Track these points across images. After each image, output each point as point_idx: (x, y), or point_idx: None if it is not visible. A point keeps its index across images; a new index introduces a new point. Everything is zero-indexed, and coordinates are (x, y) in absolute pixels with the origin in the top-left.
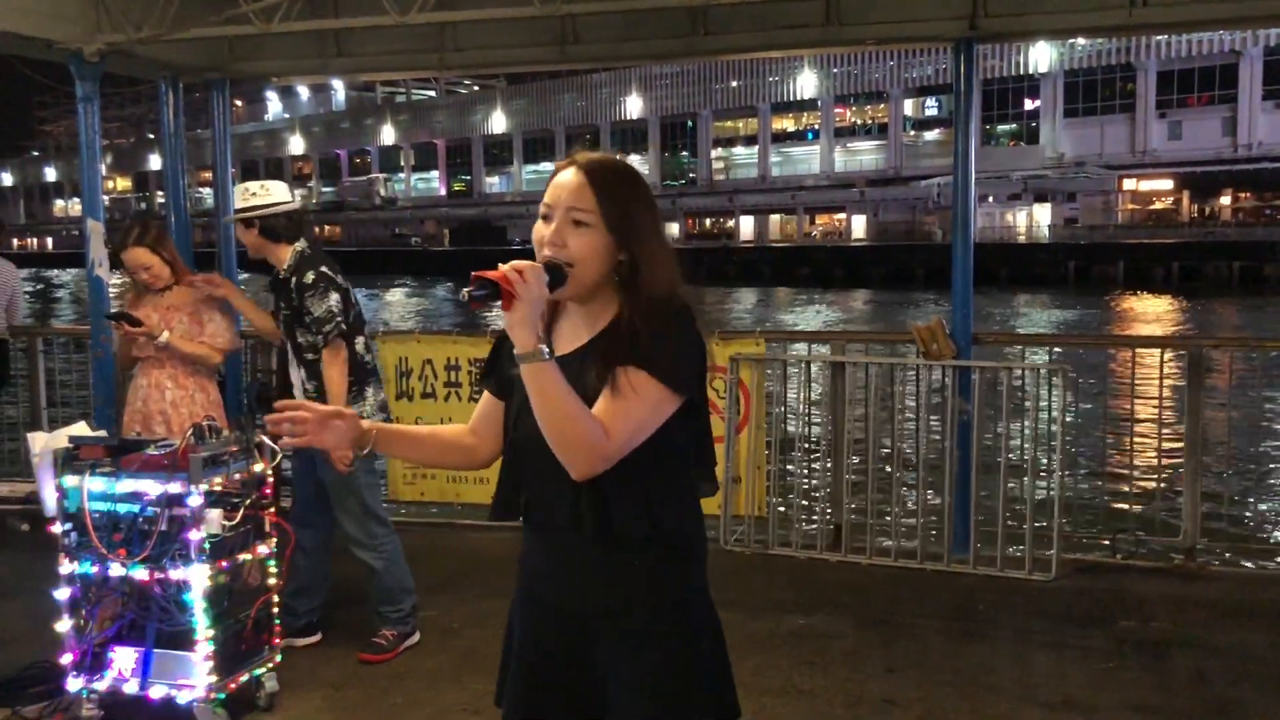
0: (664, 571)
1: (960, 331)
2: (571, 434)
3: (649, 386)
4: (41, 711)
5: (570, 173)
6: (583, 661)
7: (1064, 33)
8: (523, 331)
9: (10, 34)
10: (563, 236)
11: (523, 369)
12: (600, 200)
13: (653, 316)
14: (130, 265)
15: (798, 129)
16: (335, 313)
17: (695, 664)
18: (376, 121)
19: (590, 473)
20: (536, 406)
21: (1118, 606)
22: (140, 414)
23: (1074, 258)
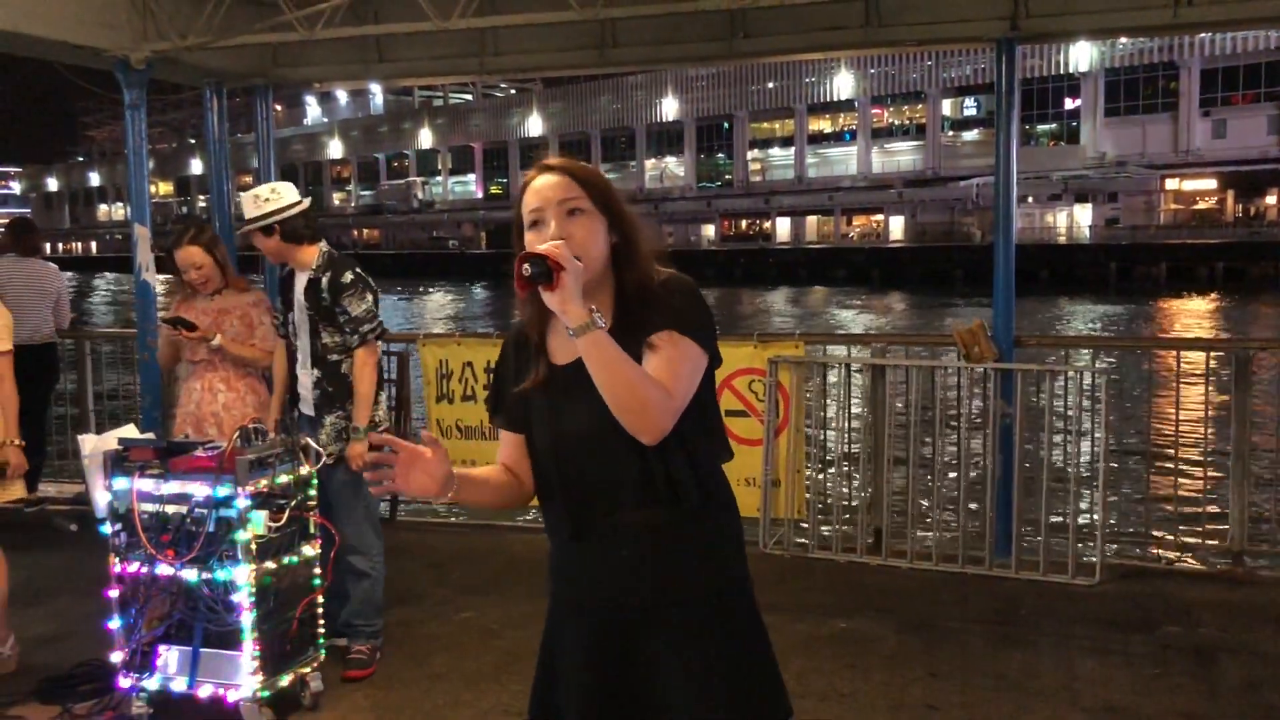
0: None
1: (1002, 334)
2: (642, 395)
3: (685, 344)
4: (92, 709)
5: (546, 175)
6: (636, 664)
7: (1106, 32)
8: (573, 305)
9: (61, 42)
10: (565, 230)
11: (581, 342)
12: (584, 186)
13: (673, 287)
14: (182, 264)
15: (834, 130)
16: (375, 313)
17: (756, 631)
18: (414, 125)
19: (662, 431)
20: (602, 376)
21: (1163, 612)
22: (193, 416)
23: (1116, 258)
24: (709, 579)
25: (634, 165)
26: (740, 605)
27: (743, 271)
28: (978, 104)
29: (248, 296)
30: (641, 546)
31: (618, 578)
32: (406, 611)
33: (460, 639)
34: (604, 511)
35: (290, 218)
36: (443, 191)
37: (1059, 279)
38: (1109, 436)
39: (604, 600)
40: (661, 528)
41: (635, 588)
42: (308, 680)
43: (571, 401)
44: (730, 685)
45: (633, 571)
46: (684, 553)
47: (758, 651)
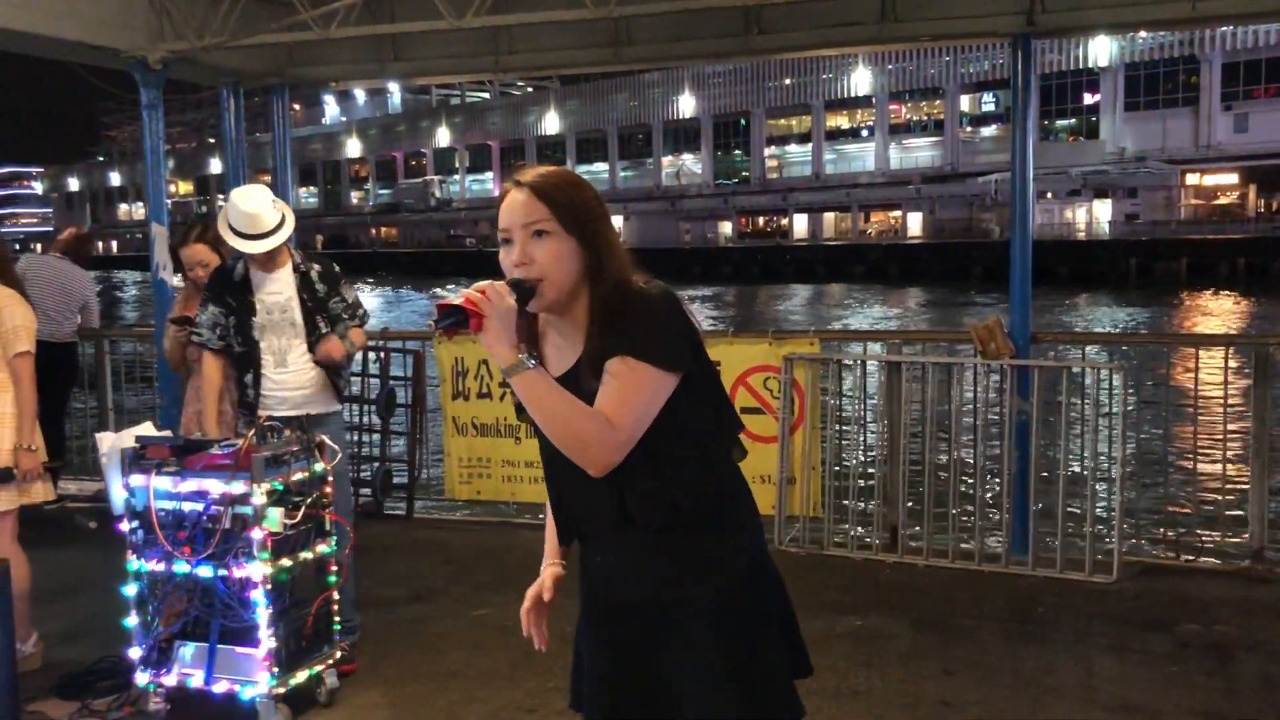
0: (711, 550)
1: (1019, 330)
2: (576, 432)
3: (640, 370)
4: (110, 705)
5: (512, 193)
6: (651, 657)
7: (1124, 27)
8: (499, 348)
9: (79, 43)
10: (528, 253)
11: (512, 382)
12: (552, 207)
13: (625, 302)
14: (189, 261)
15: (852, 126)
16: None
17: (760, 636)
18: (431, 124)
19: (606, 465)
20: (536, 416)
21: (1181, 609)
22: (199, 414)
23: (1135, 254)
24: (708, 585)
25: (651, 163)
26: (737, 611)
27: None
28: (996, 99)
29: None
30: (624, 558)
31: (619, 580)
32: (422, 608)
33: (476, 636)
34: (587, 525)
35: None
36: (460, 190)
37: (1078, 275)
38: (1126, 433)
39: (611, 598)
40: (636, 545)
41: (633, 591)
42: (323, 676)
43: None
44: (736, 688)
45: (626, 578)
46: (675, 565)
47: (762, 656)
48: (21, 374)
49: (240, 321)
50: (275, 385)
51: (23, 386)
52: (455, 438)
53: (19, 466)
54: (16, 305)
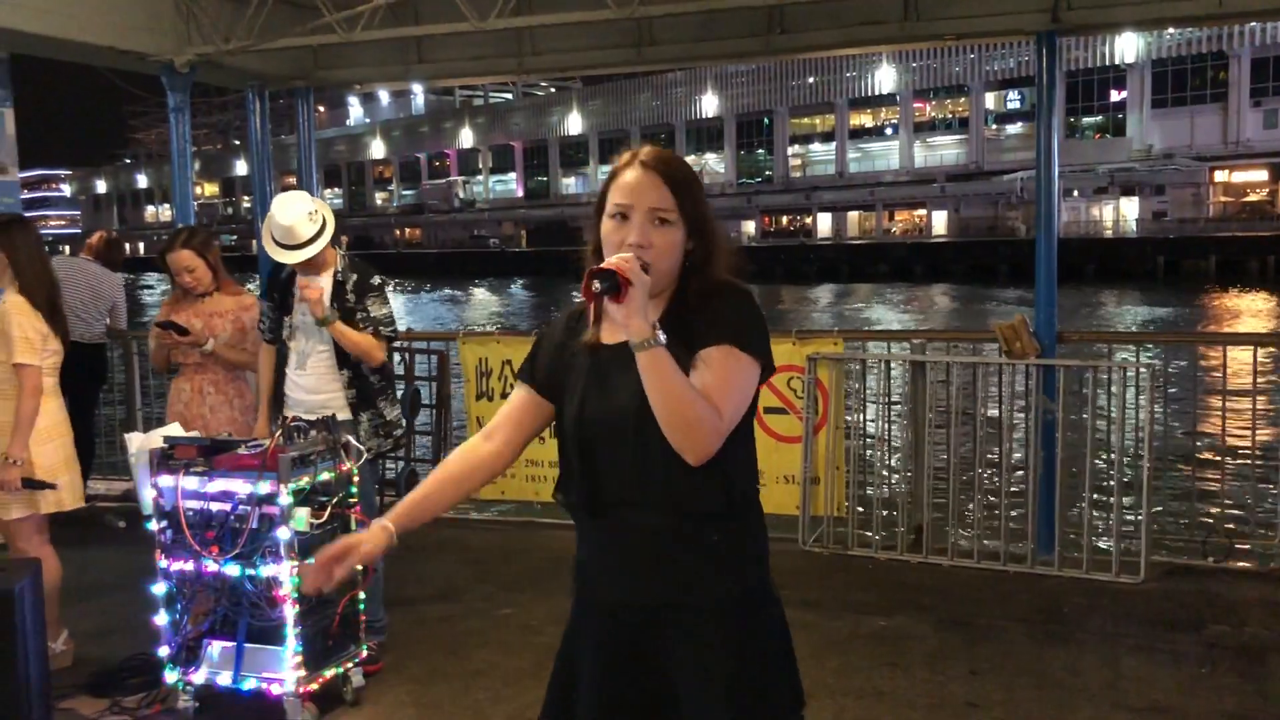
0: (734, 557)
1: (1044, 329)
2: (692, 416)
3: (742, 361)
4: (140, 702)
5: (640, 172)
6: (654, 663)
7: (1151, 23)
8: (637, 320)
9: (107, 48)
10: (647, 236)
11: (640, 357)
12: (679, 199)
13: (729, 297)
14: (174, 267)
15: (876, 124)
16: (392, 319)
17: (766, 656)
18: (455, 125)
19: (707, 452)
20: (655, 393)
21: (1209, 610)
22: (181, 417)
23: (1163, 252)
24: (723, 588)
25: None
26: (755, 617)
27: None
28: (1021, 97)
29: (241, 299)
30: (655, 546)
31: (631, 574)
32: (447, 608)
33: (501, 635)
34: (622, 502)
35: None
36: (483, 190)
37: (1105, 273)
38: (1154, 432)
39: (617, 596)
40: (677, 531)
41: (647, 586)
42: (349, 675)
43: (611, 382)
44: (739, 695)
45: (645, 569)
46: (698, 559)
47: (772, 664)
48: (26, 386)
49: (274, 320)
50: (292, 385)
51: (24, 399)
52: None
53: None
54: (22, 314)
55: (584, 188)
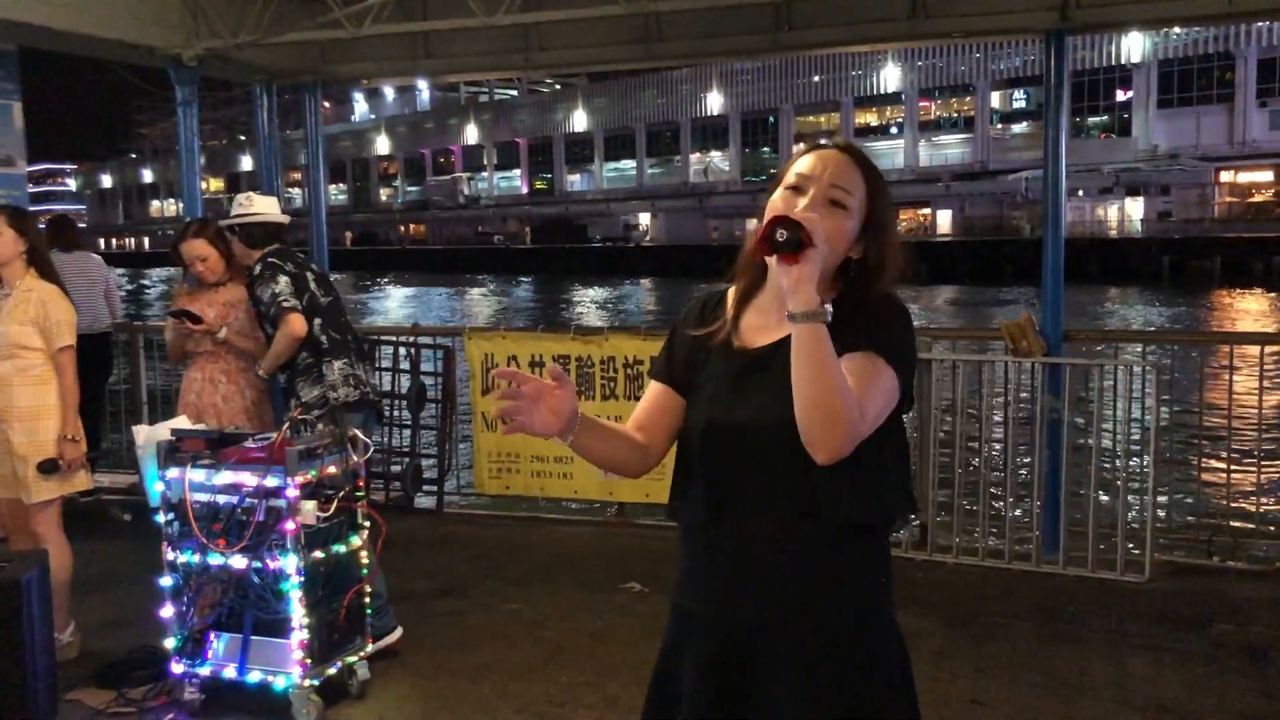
0: (856, 570)
1: (1051, 328)
2: (838, 405)
3: (886, 372)
4: (146, 694)
5: (833, 151)
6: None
7: (1158, 23)
8: (807, 286)
9: (115, 41)
10: (819, 213)
11: (799, 329)
12: (868, 187)
13: (888, 309)
14: (187, 256)
15: (881, 123)
16: (279, 293)
17: (879, 682)
18: (460, 121)
19: (842, 453)
20: (806, 373)
21: (1215, 610)
22: (193, 407)
23: (1168, 252)
24: (838, 606)
25: (678, 160)
26: (870, 642)
27: None
28: (1027, 96)
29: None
30: (774, 558)
31: (741, 586)
32: (454, 602)
33: (507, 630)
34: (744, 510)
35: (247, 224)
36: (488, 187)
37: (1111, 273)
38: (1159, 432)
39: (723, 611)
40: (799, 544)
41: (758, 598)
42: (355, 669)
43: (749, 387)
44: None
45: (759, 582)
46: (818, 575)
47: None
48: (64, 367)
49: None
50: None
51: (65, 379)
52: (485, 433)
53: (63, 456)
54: (58, 300)
55: (589, 185)
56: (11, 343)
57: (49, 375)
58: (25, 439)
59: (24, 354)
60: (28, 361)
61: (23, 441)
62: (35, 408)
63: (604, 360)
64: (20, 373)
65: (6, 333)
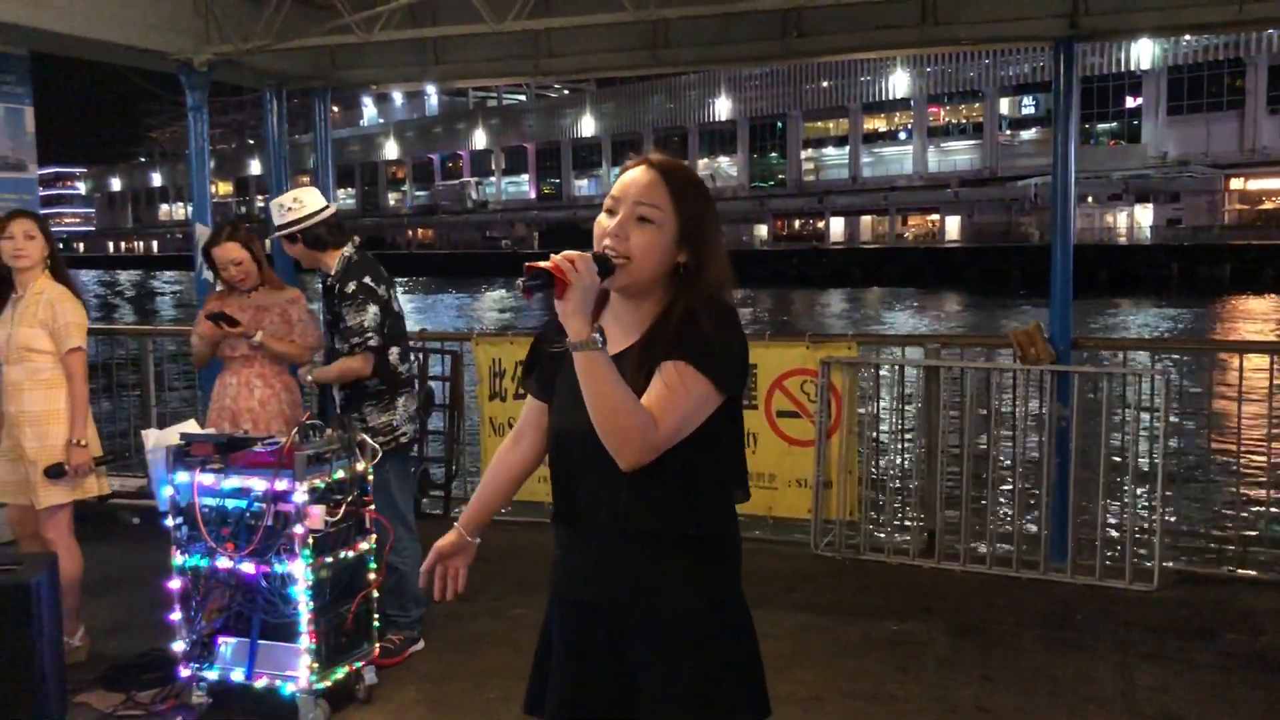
0: (700, 570)
1: (1059, 335)
2: (623, 423)
3: (697, 381)
4: (154, 698)
5: (642, 170)
6: (619, 661)
7: (1169, 30)
8: (576, 320)
9: (127, 46)
10: (625, 230)
11: (576, 357)
12: (674, 200)
13: (706, 315)
14: (221, 261)
15: (890, 129)
16: (367, 327)
17: (728, 666)
18: (468, 126)
19: (638, 462)
20: (589, 395)
21: (1224, 619)
22: (229, 411)
23: (1178, 259)
24: (686, 598)
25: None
26: (719, 625)
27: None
28: (1036, 102)
29: (285, 294)
30: (618, 551)
31: (596, 574)
32: (459, 608)
33: (512, 635)
34: (591, 506)
35: (310, 226)
36: (496, 191)
37: (1119, 280)
38: (1168, 440)
39: (582, 594)
40: (640, 539)
41: (610, 587)
42: (362, 673)
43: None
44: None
45: (610, 572)
46: (661, 570)
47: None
48: (74, 370)
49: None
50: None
51: (75, 382)
52: (492, 438)
53: (69, 461)
54: (68, 301)
55: (596, 190)
56: (21, 345)
57: (59, 379)
58: (35, 443)
59: (34, 357)
60: (37, 365)
61: (33, 446)
62: (45, 412)
63: None
64: (30, 376)
65: (16, 335)
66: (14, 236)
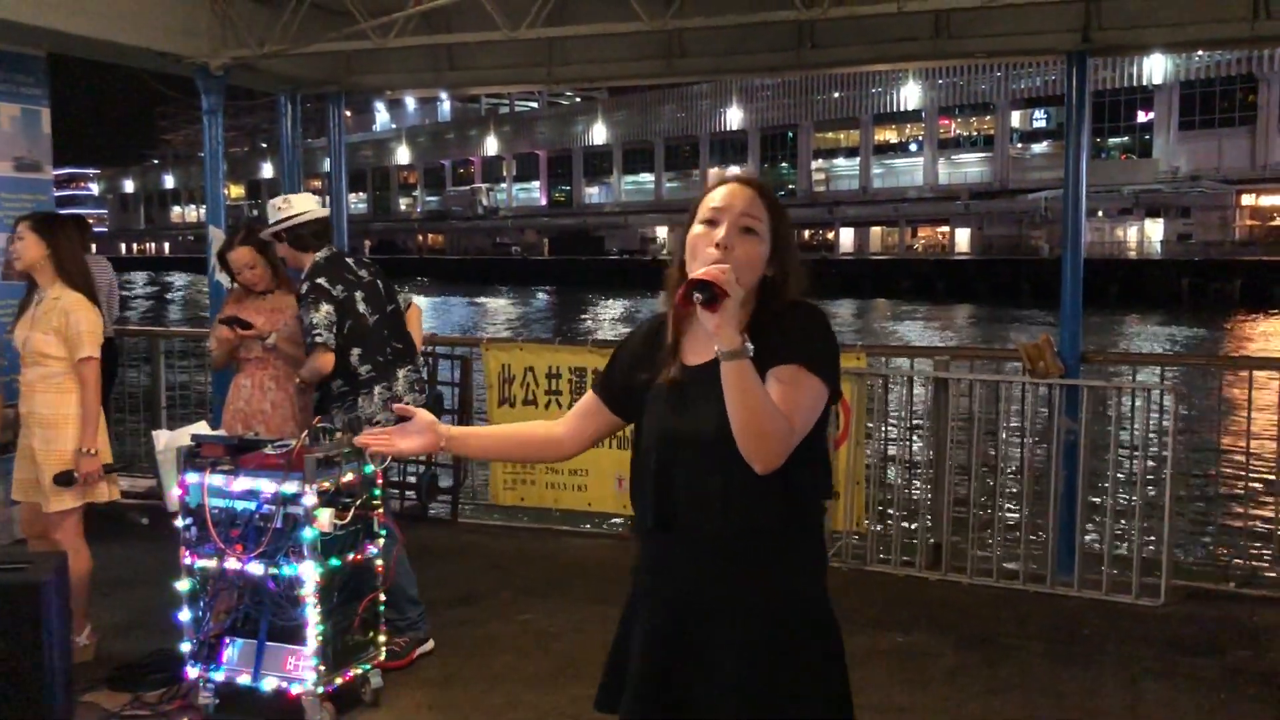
0: (797, 568)
1: (1069, 349)
2: (768, 427)
3: (811, 382)
4: (161, 698)
5: (736, 185)
6: (706, 661)
7: (1182, 46)
8: (729, 329)
9: (145, 49)
10: (731, 240)
11: (727, 366)
12: (770, 214)
13: (806, 317)
14: (236, 265)
15: (901, 140)
16: (316, 324)
17: (825, 659)
18: (480, 132)
19: (775, 465)
20: (736, 400)
21: (1230, 635)
22: (242, 413)
23: (1188, 274)
24: (777, 597)
25: (697, 174)
26: (804, 624)
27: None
28: (1047, 116)
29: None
30: (718, 551)
31: (691, 575)
32: (467, 612)
33: (520, 641)
34: (690, 512)
35: (293, 226)
36: (507, 198)
37: (1129, 295)
38: (1176, 455)
39: (673, 595)
40: (741, 538)
41: (706, 587)
42: (368, 676)
43: (693, 402)
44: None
45: (707, 572)
46: (757, 567)
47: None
48: (86, 379)
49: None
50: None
51: (87, 390)
52: None
53: (79, 469)
54: (82, 310)
55: (607, 197)
56: (35, 350)
57: (70, 385)
58: (43, 447)
59: (47, 362)
60: (50, 369)
61: (41, 449)
62: (54, 416)
63: None
64: (43, 380)
65: (32, 339)
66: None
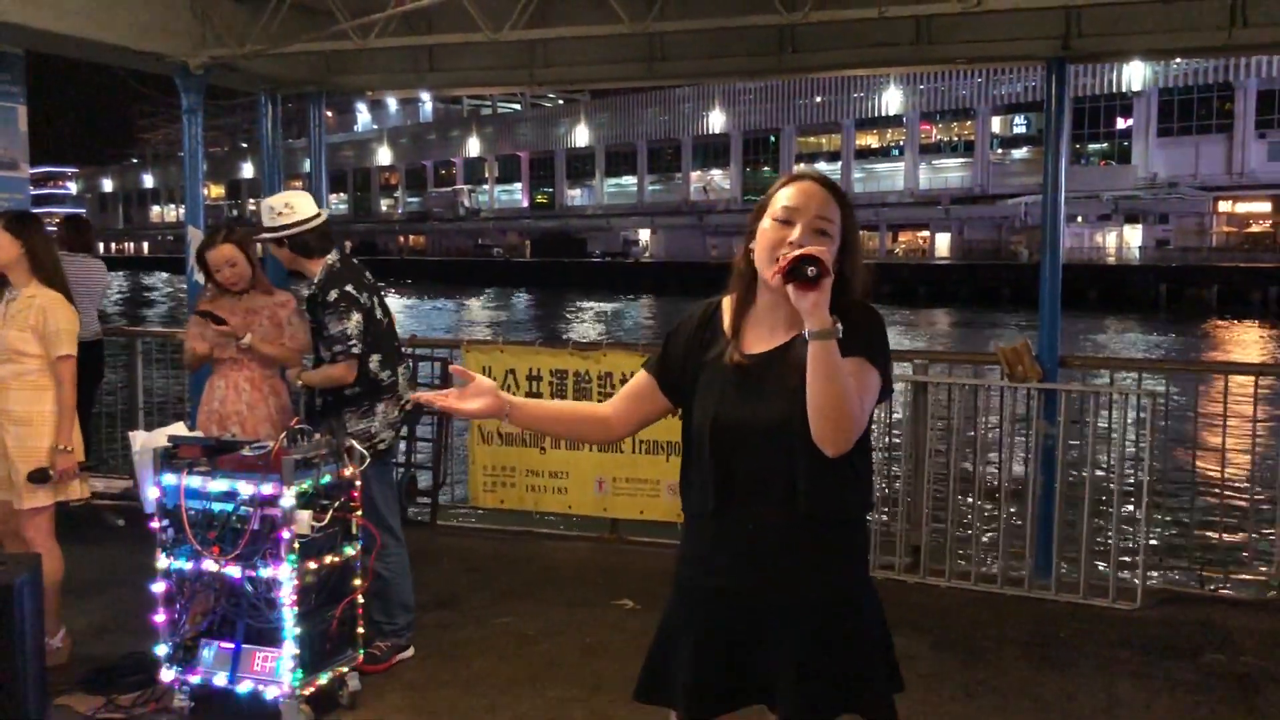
0: (850, 551)
1: (1047, 354)
2: (846, 409)
3: (872, 374)
4: (135, 701)
5: (811, 184)
6: (758, 645)
7: (1160, 53)
8: (823, 310)
9: (124, 48)
10: (806, 242)
11: (819, 345)
12: (843, 215)
13: (867, 316)
14: (215, 263)
15: (882, 145)
16: (350, 335)
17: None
18: (462, 134)
19: (848, 448)
20: (820, 382)
21: (1206, 639)
22: (216, 414)
23: (1166, 280)
24: (831, 582)
25: (679, 177)
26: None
27: None
28: (1028, 121)
29: (275, 297)
30: (771, 541)
31: (743, 565)
32: (445, 615)
33: (498, 644)
34: (746, 499)
35: (299, 232)
36: (489, 200)
37: (1107, 300)
38: (1153, 459)
39: (726, 584)
40: (795, 528)
41: (759, 576)
42: (346, 679)
43: (753, 390)
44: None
45: (758, 562)
46: (809, 556)
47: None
48: (63, 377)
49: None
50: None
51: (63, 389)
52: (480, 446)
53: (55, 467)
54: (59, 308)
55: (590, 200)
56: (9, 348)
57: (46, 382)
58: (16, 444)
59: (22, 359)
60: (25, 367)
61: (15, 446)
62: (28, 413)
63: (601, 376)
64: (17, 377)
65: (6, 337)
66: None
